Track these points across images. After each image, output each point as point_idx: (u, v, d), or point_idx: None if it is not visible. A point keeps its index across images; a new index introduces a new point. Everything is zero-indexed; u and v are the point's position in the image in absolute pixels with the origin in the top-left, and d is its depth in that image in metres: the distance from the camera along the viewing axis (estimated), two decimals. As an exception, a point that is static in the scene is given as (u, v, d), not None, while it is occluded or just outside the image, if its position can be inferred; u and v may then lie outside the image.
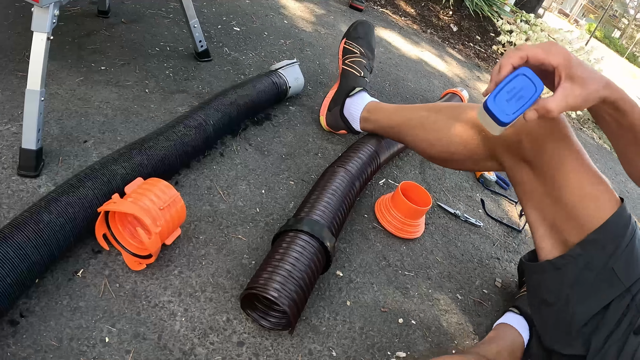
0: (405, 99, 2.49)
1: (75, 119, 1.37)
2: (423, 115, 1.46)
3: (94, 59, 1.64)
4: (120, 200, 1.02)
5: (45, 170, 1.18)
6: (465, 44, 4.18)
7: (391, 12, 3.95)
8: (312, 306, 1.16)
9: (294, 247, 1.07)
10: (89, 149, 1.29)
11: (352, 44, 1.78)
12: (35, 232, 0.91)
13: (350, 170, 1.41)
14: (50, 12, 1.09)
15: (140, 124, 1.44)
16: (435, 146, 1.41)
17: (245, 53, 2.11)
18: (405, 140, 1.53)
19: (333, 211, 1.23)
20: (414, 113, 1.50)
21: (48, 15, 1.09)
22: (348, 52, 1.77)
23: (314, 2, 3.24)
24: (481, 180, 2.11)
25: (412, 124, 1.48)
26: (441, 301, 1.39)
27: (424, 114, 1.46)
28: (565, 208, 1.07)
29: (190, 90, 1.69)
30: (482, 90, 3.31)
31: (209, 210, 1.28)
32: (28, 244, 0.90)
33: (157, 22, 2.06)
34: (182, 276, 1.09)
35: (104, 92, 1.51)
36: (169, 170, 1.27)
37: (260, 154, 1.56)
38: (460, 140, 1.33)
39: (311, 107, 1.93)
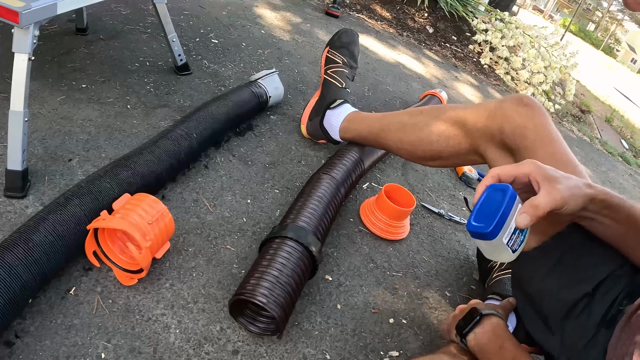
0: (385, 103, 2.52)
1: (59, 138, 1.38)
2: (404, 119, 1.50)
3: (75, 77, 1.65)
4: (109, 216, 1.03)
5: (31, 191, 1.19)
6: (442, 45, 4.23)
7: (367, 17, 3.99)
8: (303, 311, 1.18)
9: (280, 254, 1.09)
10: (74, 167, 1.30)
11: (335, 53, 1.80)
12: (25, 252, 0.92)
13: (335, 177, 1.44)
14: (31, 32, 1.10)
15: (124, 140, 1.46)
16: (418, 146, 1.45)
17: (225, 65, 2.13)
18: (387, 145, 1.56)
19: (319, 217, 1.26)
20: (395, 118, 1.53)
21: (29, 35, 1.10)
22: (330, 62, 1.79)
23: (290, 10, 3.27)
24: (463, 179, 2.14)
25: (393, 127, 1.51)
26: (430, 299, 1.41)
27: (405, 118, 1.50)
28: None
29: (172, 105, 1.71)
30: (461, 89, 3.36)
31: (196, 222, 1.30)
32: (19, 264, 0.91)
33: (136, 37, 2.07)
34: (173, 289, 1.11)
35: (86, 110, 1.52)
36: (155, 185, 1.29)
37: (244, 165, 1.57)
38: (443, 137, 1.37)
39: (292, 116, 1.96)
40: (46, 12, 1.15)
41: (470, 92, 3.43)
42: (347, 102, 1.73)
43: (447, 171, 2.15)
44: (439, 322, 1.35)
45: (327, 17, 3.49)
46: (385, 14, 4.24)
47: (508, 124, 1.18)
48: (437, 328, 1.33)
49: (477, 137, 1.28)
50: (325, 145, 1.85)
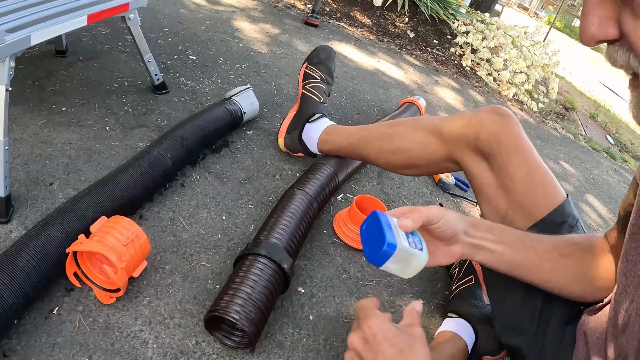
0: (362, 112, 2.57)
1: (40, 162, 1.44)
2: (382, 130, 1.57)
3: (55, 100, 1.71)
4: (86, 240, 1.09)
5: (15, 215, 1.25)
6: (423, 49, 4.27)
7: (347, 24, 4.03)
8: (276, 323, 1.24)
9: (252, 270, 1.15)
10: (55, 191, 1.36)
11: (313, 69, 1.87)
12: (10, 277, 0.98)
13: (308, 192, 1.50)
14: (7, 64, 1.16)
15: (103, 162, 1.51)
16: (397, 155, 1.52)
17: (202, 81, 2.19)
18: (365, 155, 1.62)
19: (291, 233, 1.32)
20: (374, 129, 1.61)
21: (5, 68, 1.15)
22: (309, 77, 1.86)
23: (269, 22, 3.32)
24: (440, 185, 2.19)
25: (372, 138, 1.58)
26: (403, 307, 1.46)
27: (383, 128, 1.57)
28: (516, 197, 1.20)
29: (150, 124, 1.77)
30: (441, 94, 3.41)
31: (173, 240, 1.35)
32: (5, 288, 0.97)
33: (115, 57, 2.13)
34: (151, 305, 1.17)
35: (66, 133, 1.57)
36: (132, 206, 1.35)
37: (220, 181, 1.63)
38: (420, 146, 1.45)
39: (268, 130, 2.01)
40: (21, 44, 1.21)
41: (451, 96, 3.47)
42: (326, 116, 1.79)
43: (424, 178, 2.20)
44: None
45: (306, 27, 3.54)
46: (366, 20, 4.29)
47: (483, 131, 1.26)
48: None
49: (454, 144, 1.35)
50: (300, 158, 1.91)
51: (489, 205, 1.27)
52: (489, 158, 1.26)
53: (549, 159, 3.03)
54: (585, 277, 1.05)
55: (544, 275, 1.05)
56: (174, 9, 2.91)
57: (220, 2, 3.37)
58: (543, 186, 1.19)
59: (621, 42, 0.57)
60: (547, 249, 1.06)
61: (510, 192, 1.21)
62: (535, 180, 1.19)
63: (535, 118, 3.96)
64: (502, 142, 1.23)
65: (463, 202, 2.15)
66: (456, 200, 2.14)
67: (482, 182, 1.28)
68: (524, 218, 1.19)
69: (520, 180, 1.19)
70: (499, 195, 1.23)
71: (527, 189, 1.19)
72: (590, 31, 0.57)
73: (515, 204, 1.20)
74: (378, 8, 4.47)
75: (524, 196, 1.18)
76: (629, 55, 0.56)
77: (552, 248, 1.06)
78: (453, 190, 2.20)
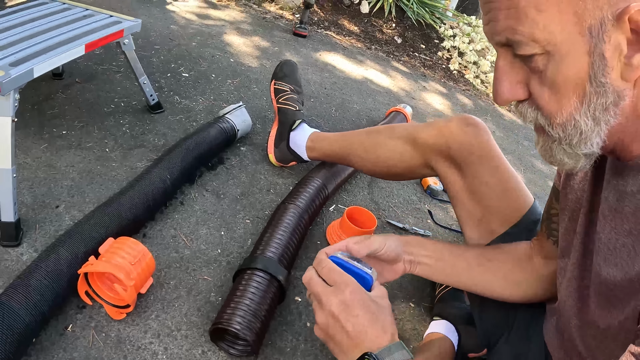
0: (352, 122, 2.64)
1: (45, 186, 1.51)
2: (362, 139, 1.66)
3: (55, 123, 1.78)
4: (96, 261, 1.17)
5: (25, 239, 1.33)
6: (411, 55, 4.31)
7: (335, 33, 4.09)
8: (276, 331, 1.32)
9: (251, 284, 1.24)
10: (62, 214, 1.43)
11: (281, 83, 1.96)
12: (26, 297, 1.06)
13: (299, 206, 1.58)
14: (12, 97, 1.23)
15: (105, 183, 1.59)
16: (376, 164, 1.62)
17: (195, 99, 2.27)
18: (351, 163, 1.73)
19: (284, 246, 1.40)
20: (355, 138, 1.70)
21: (10, 101, 1.23)
22: (279, 92, 1.95)
23: (258, 34, 3.39)
24: (428, 192, 2.25)
25: (354, 147, 1.68)
26: (395, 311, 1.53)
27: (363, 138, 1.66)
28: (490, 202, 1.31)
29: (148, 144, 1.84)
30: (429, 100, 3.47)
31: (175, 257, 1.43)
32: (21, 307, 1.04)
33: (110, 77, 2.20)
34: (159, 319, 1.24)
35: (67, 156, 1.65)
36: (136, 225, 1.43)
37: (217, 198, 1.71)
38: (397, 154, 1.54)
39: (261, 145, 2.09)
40: (24, 77, 1.29)
41: (439, 101, 3.53)
42: (305, 122, 1.89)
43: (413, 185, 2.27)
44: (403, 332, 1.47)
45: (295, 37, 3.60)
46: (353, 27, 4.34)
47: (454, 141, 1.36)
48: (402, 336, 1.46)
49: (428, 153, 1.45)
50: (292, 171, 1.99)
51: (464, 210, 1.37)
52: (462, 166, 1.35)
53: (536, 159, 3.11)
54: (510, 279, 1.17)
55: (475, 278, 1.18)
56: (164, 25, 2.99)
57: (210, 16, 3.45)
58: (515, 190, 1.30)
59: (529, 102, 0.72)
60: (475, 255, 1.20)
61: (484, 198, 1.31)
62: (506, 186, 1.30)
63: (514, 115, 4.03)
64: (474, 152, 1.33)
65: (451, 208, 2.20)
66: (444, 206, 2.22)
67: (456, 188, 1.38)
68: (500, 220, 1.29)
69: (493, 186, 1.30)
70: (473, 200, 1.34)
71: (500, 194, 1.29)
72: (504, 95, 0.71)
73: (490, 208, 1.31)
74: (365, 15, 4.54)
75: (498, 201, 1.29)
76: (537, 114, 0.71)
77: (479, 254, 1.20)
78: (441, 196, 2.27)
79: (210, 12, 3.54)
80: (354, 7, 4.56)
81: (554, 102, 0.69)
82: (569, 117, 0.69)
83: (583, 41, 0.63)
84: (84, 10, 1.80)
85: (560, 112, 0.69)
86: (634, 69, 0.63)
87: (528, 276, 1.16)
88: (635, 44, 0.62)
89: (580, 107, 0.67)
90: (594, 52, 0.63)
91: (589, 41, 0.63)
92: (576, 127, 0.69)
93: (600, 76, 0.64)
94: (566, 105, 0.68)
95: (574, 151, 0.72)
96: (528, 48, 0.66)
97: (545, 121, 0.72)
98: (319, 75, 3.11)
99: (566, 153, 0.74)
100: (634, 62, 0.63)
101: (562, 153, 0.74)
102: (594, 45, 0.63)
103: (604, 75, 0.64)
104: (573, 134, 0.70)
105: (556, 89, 0.68)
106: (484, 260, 1.19)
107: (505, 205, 1.29)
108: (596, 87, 0.65)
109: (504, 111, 3.89)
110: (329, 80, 3.11)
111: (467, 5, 6.01)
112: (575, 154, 0.73)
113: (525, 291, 1.17)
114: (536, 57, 0.66)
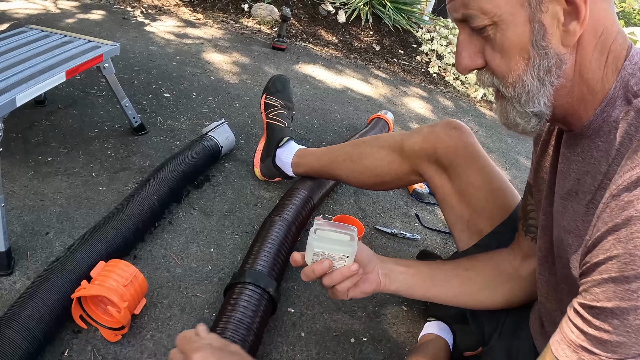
0: (334, 132, 2.66)
1: (34, 213, 1.52)
2: (348, 150, 1.69)
3: (40, 150, 1.80)
4: (89, 285, 1.19)
5: (17, 267, 1.34)
6: (390, 61, 4.36)
7: (314, 44, 4.14)
8: (271, 343, 1.34)
9: (242, 298, 1.26)
10: (52, 240, 1.45)
11: (272, 98, 1.98)
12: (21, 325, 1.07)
13: (286, 218, 1.60)
14: (-4, 128, 1.25)
15: (93, 207, 1.61)
16: (364, 174, 1.64)
17: (178, 119, 2.29)
18: (337, 176, 1.75)
19: (273, 258, 1.42)
20: (341, 150, 1.72)
21: (-6, 131, 1.25)
22: (270, 107, 1.97)
23: (237, 50, 3.43)
24: (414, 195, 2.28)
25: (340, 159, 1.70)
26: (388, 315, 1.55)
27: (349, 149, 1.69)
28: (478, 203, 1.36)
29: (133, 166, 1.86)
30: (410, 105, 3.49)
31: (167, 276, 1.45)
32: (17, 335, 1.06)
33: (92, 102, 2.22)
34: (154, 339, 1.26)
35: (54, 183, 1.66)
36: (126, 247, 1.44)
37: (205, 215, 1.73)
38: (384, 162, 1.57)
39: (245, 160, 2.12)
40: (7, 107, 1.31)
41: (420, 105, 3.57)
42: (293, 139, 1.91)
43: (399, 190, 2.29)
44: (398, 335, 1.49)
45: (274, 51, 3.64)
46: (331, 38, 4.38)
47: (440, 145, 1.40)
48: (397, 340, 1.48)
49: (415, 159, 1.48)
50: (278, 185, 2.02)
51: (452, 212, 1.41)
52: (448, 169, 1.40)
53: (520, 155, 3.14)
54: (490, 284, 1.22)
55: (455, 289, 1.22)
56: (143, 47, 3.01)
57: (189, 34, 3.48)
58: (501, 189, 1.35)
59: (486, 69, 0.82)
60: (452, 267, 1.25)
61: (471, 199, 1.35)
62: (492, 185, 1.34)
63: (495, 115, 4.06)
64: (459, 154, 1.38)
65: (437, 210, 2.24)
66: (431, 208, 2.24)
67: (444, 191, 1.42)
68: (488, 220, 1.33)
69: (479, 187, 1.34)
70: (461, 202, 1.38)
71: (487, 194, 1.34)
72: (465, 63, 0.83)
73: (477, 208, 1.35)
74: (342, 24, 4.58)
75: (485, 200, 1.33)
76: (493, 78, 0.82)
77: (456, 266, 1.25)
78: (427, 199, 2.29)
79: (189, 30, 3.57)
80: (331, 17, 4.60)
81: (504, 65, 0.79)
82: (518, 78, 0.78)
83: (523, 11, 0.73)
84: (63, 37, 1.83)
85: (510, 73, 0.79)
86: (570, 34, 0.73)
87: (507, 279, 1.21)
88: (571, 13, 0.72)
89: (527, 69, 0.77)
90: (533, 20, 0.73)
91: (529, 11, 0.73)
92: (524, 86, 0.78)
93: (540, 40, 0.74)
94: (514, 67, 0.78)
95: (524, 109, 0.81)
96: (479, 20, 0.76)
97: (499, 82, 0.82)
98: (300, 87, 3.14)
99: (518, 112, 0.82)
100: (570, 29, 0.73)
101: (515, 113, 0.83)
102: (532, 14, 0.73)
103: (544, 40, 0.74)
104: (521, 91, 0.79)
105: (504, 53, 0.78)
106: (462, 271, 1.24)
107: (492, 205, 1.33)
108: (538, 50, 0.75)
109: (485, 110, 3.93)
110: (310, 91, 3.14)
111: (443, 8, 6.06)
112: (525, 113, 0.82)
113: (506, 295, 1.21)
114: (487, 28, 0.76)
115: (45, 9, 3.44)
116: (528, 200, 1.17)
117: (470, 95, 4.21)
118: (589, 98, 0.78)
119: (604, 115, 0.77)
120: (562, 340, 0.73)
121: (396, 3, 4.78)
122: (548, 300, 1.02)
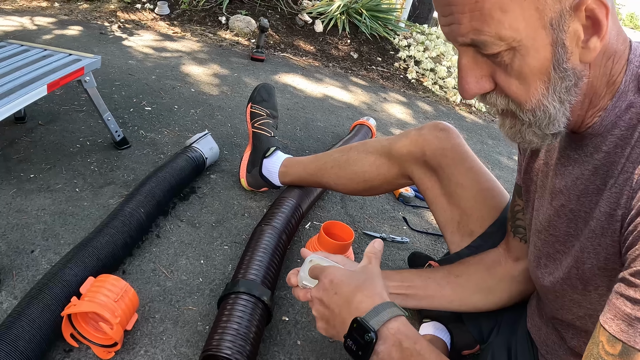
0: (317, 140, 2.67)
1: (18, 231, 1.49)
2: (336, 157, 1.68)
3: (22, 167, 1.77)
4: (79, 301, 1.16)
5: (3, 287, 1.30)
6: (368, 68, 4.39)
7: (292, 54, 4.14)
8: (267, 352, 1.32)
9: (237, 308, 1.24)
10: (38, 258, 1.42)
11: (258, 107, 1.97)
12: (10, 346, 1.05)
13: (275, 226, 1.59)
14: (-20, 145, 1.23)
15: (78, 223, 1.58)
16: (353, 180, 1.64)
17: (160, 132, 2.27)
18: (325, 183, 1.74)
19: (266, 267, 1.41)
20: (328, 157, 1.72)
21: (-22, 148, 1.22)
22: (256, 116, 1.95)
23: (216, 62, 3.42)
24: (401, 199, 2.29)
25: (328, 166, 1.70)
26: None
27: (336, 156, 1.68)
28: (468, 203, 1.37)
29: (117, 181, 1.84)
30: (390, 110, 3.51)
31: (158, 290, 1.42)
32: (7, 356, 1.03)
33: (73, 117, 2.19)
34: (148, 354, 1.23)
35: (38, 200, 1.63)
36: (114, 262, 1.42)
37: (193, 227, 1.71)
38: (373, 167, 1.57)
39: (230, 171, 2.10)
40: (-11, 122, 1.28)
41: (400, 111, 3.59)
42: (279, 149, 1.90)
43: (385, 195, 2.30)
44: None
45: (253, 62, 3.64)
46: (309, 47, 4.40)
47: (428, 147, 1.40)
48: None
49: (403, 162, 1.48)
50: (265, 194, 2.00)
51: (443, 214, 1.41)
52: (437, 171, 1.40)
53: (502, 156, 3.16)
54: (483, 287, 1.23)
55: (449, 296, 1.24)
56: (122, 61, 2.99)
57: (167, 48, 3.46)
58: (490, 189, 1.36)
59: (497, 91, 0.77)
60: (443, 275, 1.26)
61: (461, 200, 1.35)
62: (482, 185, 1.35)
63: (485, 118, 4.08)
64: (448, 155, 1.38)
65: (425, 212, 2.25)
66: (418, 211, 2.25)
67: (433, 193, 1.42)
68: (478, 220, 1.33)
69: (468, 187, 1.35)
70: (451, 203, 1.38)
71: (476, 194, 1.34)
72: (472, 90, 0.77)
73: (467, 209, 1.35)
74: (320, 34, 4.59)
75: (475, 201, 1.34)
76: (508, 101, 0.76)
77: (447, 273, 1.26)
78: (414, 202, 2.31)
79: (167, 44, 3.55)
80: (308, 27, 4.61)
81: (522, 90, 0.73)
82: (538, 104, 0.74)
83: (545, 34, 0.68)
84: (43, 51, 1.80)
85: (530, 99, 0.74)
86: (590, 51, 0.69)
87: (499, 280, 1.22)
88: (590, 28, 0.68)
89: (547, 93, 0.72)
90: (556, 43, 0.68)
91: (551, 33, 0.68)
92: (545, 111, 0.74)
93: (563, 63, 0.70)
94: (534, 93, 0.73)
95: (543, 132, 0.77)
96: (494, 47, 0.70)
97: (516, 108, 0.77)
98: (281, 97, 3.14)
99: (535, 134, 0.78)
100: (590, 45, 0.69)
101: (532, 135, 0.79)
102: (555, 37, 0.68)
103: (566, 62, 0.70)
104: (542, 117, 0.75)
105: (523, 78, 0.72)
106: (453, 278, 1.25)
107: (481, 205, 1.33)
108: (560, 73, 0.71)
109: (465, 113, 3.96)
110: (291, 100, 3.13)
111: (419, 14, 6.13)
112: (544, 134, 0.78)
113: (499, 296, 1.22)
114: (502, 53, 0.71)
115: (22, 26, 3.40)
116: (516, 201, 1.18)
117: (450, 99, 4.24)
118: (596, 102, 0.77)
119: (615, 110, 0.75)
120: (616, 316, 0.66)
121: (372, 11, 4.81)
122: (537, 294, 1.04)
